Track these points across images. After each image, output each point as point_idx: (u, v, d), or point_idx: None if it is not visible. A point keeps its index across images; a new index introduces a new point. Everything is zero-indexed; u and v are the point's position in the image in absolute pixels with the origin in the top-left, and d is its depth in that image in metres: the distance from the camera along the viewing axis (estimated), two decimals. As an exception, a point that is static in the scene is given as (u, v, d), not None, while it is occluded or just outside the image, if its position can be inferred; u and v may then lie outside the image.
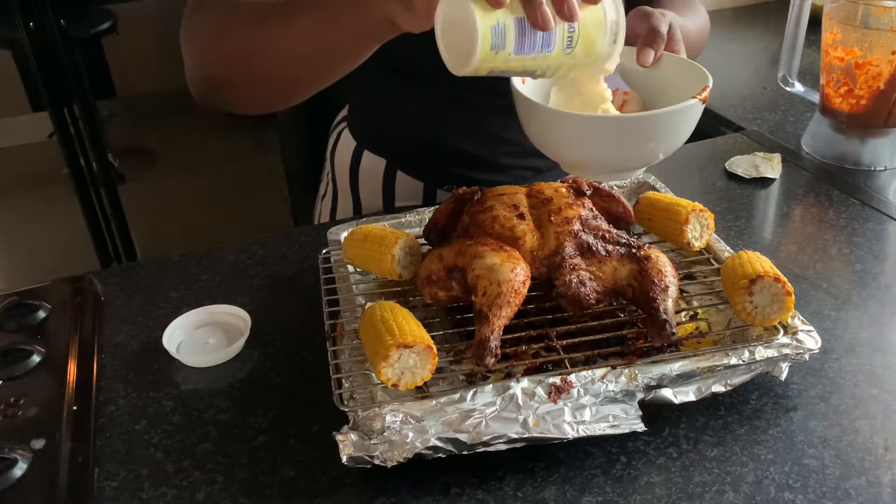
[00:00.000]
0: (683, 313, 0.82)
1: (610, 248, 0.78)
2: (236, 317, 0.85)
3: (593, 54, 0.69)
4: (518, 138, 1.03)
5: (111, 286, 0.94)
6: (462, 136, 1.02)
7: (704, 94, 0.72)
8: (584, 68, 0.71)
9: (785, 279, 0.74)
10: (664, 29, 0.85)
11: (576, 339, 0.76)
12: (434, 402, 0.67)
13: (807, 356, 0.73)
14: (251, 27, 0.79)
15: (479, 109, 0.97)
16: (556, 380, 0.69)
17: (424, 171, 1.07)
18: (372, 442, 0.65)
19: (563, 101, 0.79)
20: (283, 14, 0.77)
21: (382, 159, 1.07)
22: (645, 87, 0.87)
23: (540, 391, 0.68)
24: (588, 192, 0.86)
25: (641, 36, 0.84)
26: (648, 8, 0.87)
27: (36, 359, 0.82)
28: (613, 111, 0.79)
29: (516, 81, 0.77)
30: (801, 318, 0.75)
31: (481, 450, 0.65)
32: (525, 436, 0.65)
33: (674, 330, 0.72)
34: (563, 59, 0.68)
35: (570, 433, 0.66)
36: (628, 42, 0.85)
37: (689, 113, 0.73)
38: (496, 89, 0.95)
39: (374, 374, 0.70)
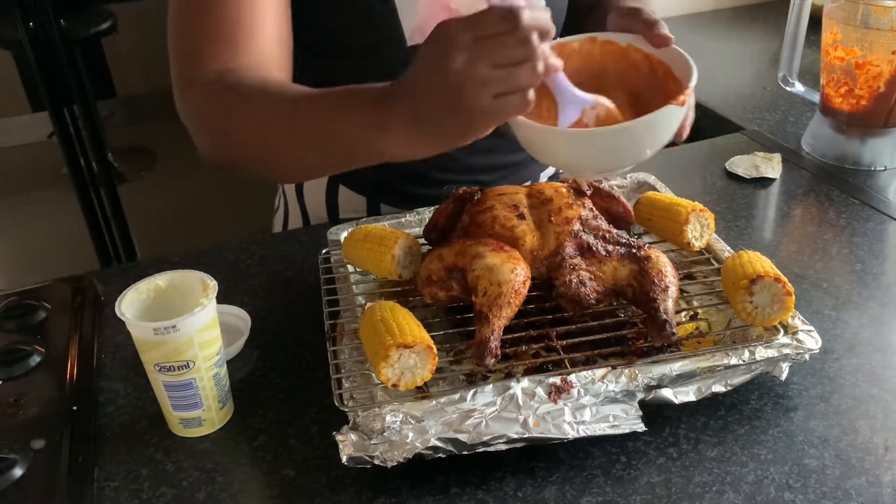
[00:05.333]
0: (683, 313, 0.82)
1: (610, 248, 0.78)
2: (236, 317, 0.85)
3: None
4: (456, 155, 1.04)
5: (111, 286, 0.94)
6: None
7: (683, 97, 0.72)
8: None
9: (785, 279, 0.74)
10: (656, 17, 0.83)
11: (576, 339, 0.76)
12: (434, 402, 0.67)
13: (807, 356, 0.73)
14: (267, 122, 0.78)
15: None
16: (557, 380, 0.69)
17: (365, 186, 1.08)
18: (372, 442, 0.65)
19: None
20: (297, 116, 0.77)
21: None
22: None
23: (540, 391, 0.68)
24: (588, 192, 0.86)
25: (642, 25, 0.82)
26: (626, 5, 0.85)
27: (36, 359, 0.82)
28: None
29: None
30: (802, 317, 0.75)
31: (481, 450, 0.65)
32: (525, 436, 0.65)
33: (674, 330, 0.72)
34: None
35: (571, 433, 0.66)
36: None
37: (669, 118, 0.73)
38: None
39: (374, 375, 0.70)
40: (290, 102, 0.77)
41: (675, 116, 0.73)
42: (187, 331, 0.68)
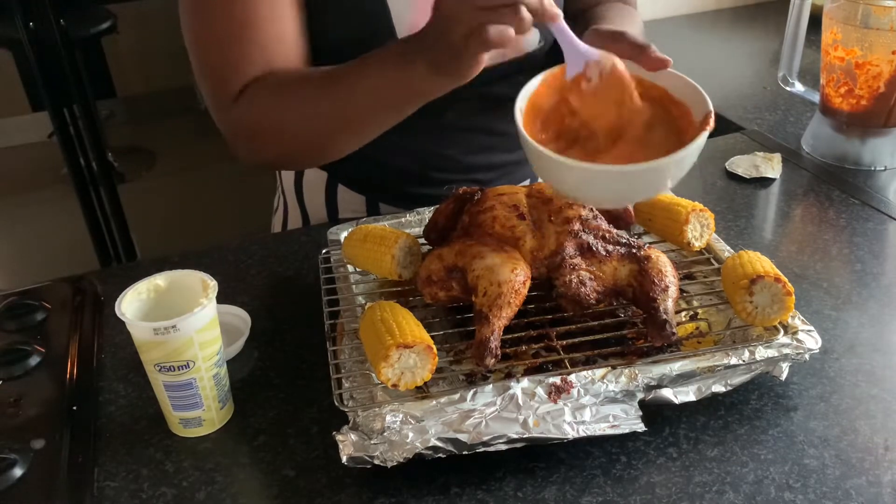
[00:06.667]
0: (683, 313, 0.82)
1: (610, 248, 0.78)
2: (236, 317, 0.85)
3: None
4: (454, 155, 1.05)
5: (111, 286, 0.94)
6: (400, 152, 1.03)
7: (711, 120, 0.69)
8: None
9: (785, 279, 0.74)
10: (642, 40, 0.80)
11: (576, 339, 0.76)
12: (434, 402, 0.67)
13: (807, 356, 0.73)
14: (312, 104, 0.84)
15: (417, 129, 0.98)
16: (557, 380, 0.69)
17: (364, 185, 1.08)
18: (372, 442, 0.65)
19: None
20: (338, 86, 0.82)
21: (324, 172, 1.08)
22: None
23: (540, 391, 0.68)
24: (588, 192, 0.86)
25: (632, 49, 0.76)
26: (608, 27, 0.80)
27: (36, 359, 0.82)
28: None
29: (521, 123, 0.73)
30: (802, 317, 0.75)
31: (481, 450, 0.65)
32: (525, 436, 0.65)
33: (674, 330, 0.72)
34: None
35: (571, 433, 0.66)
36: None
37: (699, 147, 0.70)
38: (433, 112, 0.93)
39: (374, 375, 0.70)
40: (328, 76, 0.84)
41: (703, 143, 0.70)
42: (187, 331, 0.68)
